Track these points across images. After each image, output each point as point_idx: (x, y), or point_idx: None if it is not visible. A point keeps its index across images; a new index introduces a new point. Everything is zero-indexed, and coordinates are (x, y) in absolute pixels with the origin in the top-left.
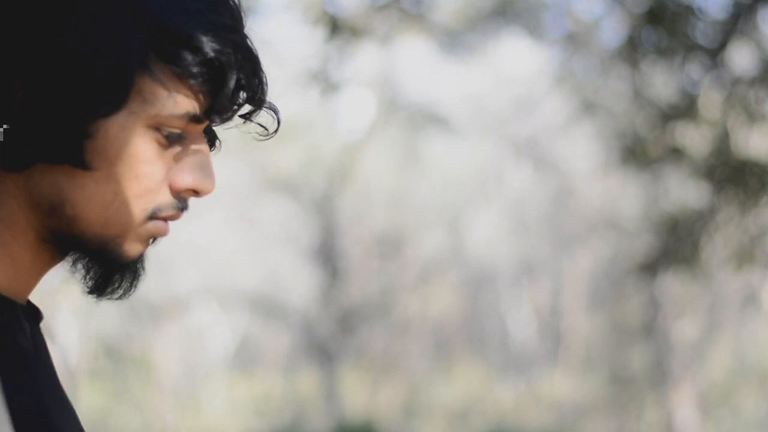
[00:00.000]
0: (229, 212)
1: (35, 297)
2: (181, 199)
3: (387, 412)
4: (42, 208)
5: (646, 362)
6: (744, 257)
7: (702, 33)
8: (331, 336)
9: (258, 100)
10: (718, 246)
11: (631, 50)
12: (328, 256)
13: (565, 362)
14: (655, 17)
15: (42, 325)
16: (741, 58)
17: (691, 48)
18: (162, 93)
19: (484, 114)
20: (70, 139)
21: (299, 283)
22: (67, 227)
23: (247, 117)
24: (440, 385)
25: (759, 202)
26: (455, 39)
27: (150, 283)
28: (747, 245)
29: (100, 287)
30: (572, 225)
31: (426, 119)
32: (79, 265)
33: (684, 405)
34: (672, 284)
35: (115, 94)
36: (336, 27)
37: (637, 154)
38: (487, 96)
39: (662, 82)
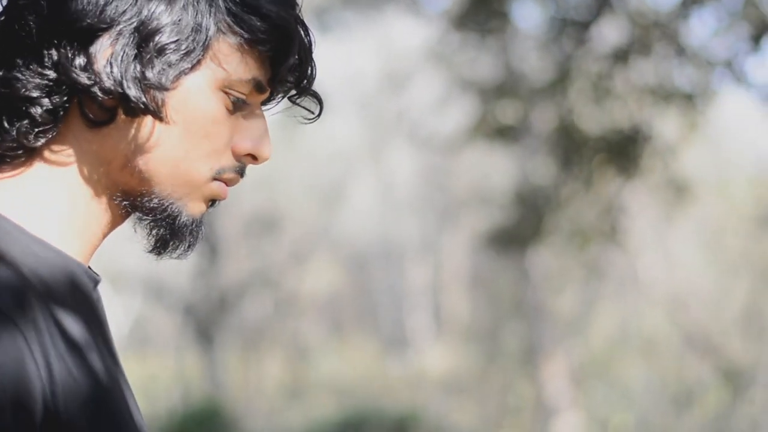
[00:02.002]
0: None
1: None
2: (241, 164)
3: (268, 390)
4: (115, 165)
5: (520, 337)
6: (589, 233)
7: (574, 8)
8: (211, 316)
9: (310, 80)
10: (564, 221)
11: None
12: (205, 237)
13: (447, 338)
14: None
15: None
16: (611, 32)
17: (563, 23)
18: (234, 57)
19: (360, 91)
20: (152, 92)
21: (181, 264)
22: (138, 184)
23: (298, 96)
24: (324, 362)
25: (604, 178)
26: (333, 16)
27: None
28: (593, 221)
29: (161, 246)
30: (449, 200)
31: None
32: (142, 224)
33: (556, 378)
34: (545, 259)
35: (194, 52)
36: None
37: (488, 130)
38: (363, 73)
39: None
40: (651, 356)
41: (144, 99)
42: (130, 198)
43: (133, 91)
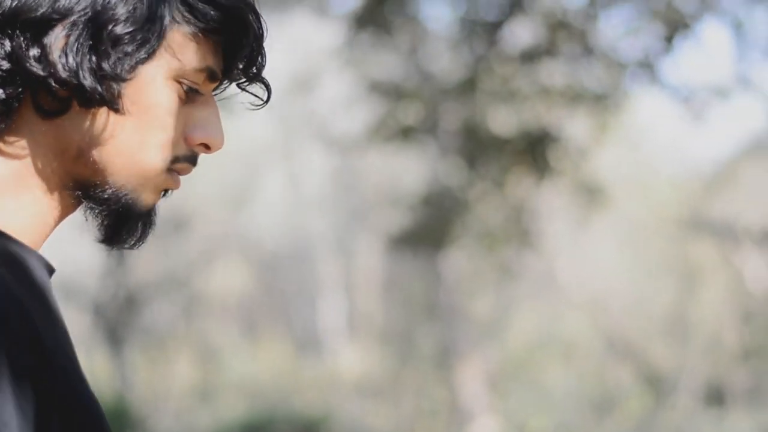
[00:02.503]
0: None
1: None
2: (194, 153)
3: (177, 390)
4: (69, 155)
5: (435, 340)
6: (498, 235)
7: (485, 8)
8: (120, 316)
9: (260, 67)
10: (472, 223)
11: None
12: None
13: (360, 339)
14: None
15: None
16: (522, 33)
17: (474, 24)
18: (188, 46)
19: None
20: (108, 82)
21: (90, 264)
22: (92, 174)
23: (248, 83)
24: (236, 363)
25: (513, 179)
26: None
27: None
28: (502, 223)
29: (113, 236)
30: (360, 201)
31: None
32: (95, 214)
33: (471, 382)
34: (458, 261)
35: (149, 43)
36: None
37: (389, 132)
38: (273, 73)
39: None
40: (571, 360)
41: (99, 90)
42: (83, 188)
43: (88, 82)
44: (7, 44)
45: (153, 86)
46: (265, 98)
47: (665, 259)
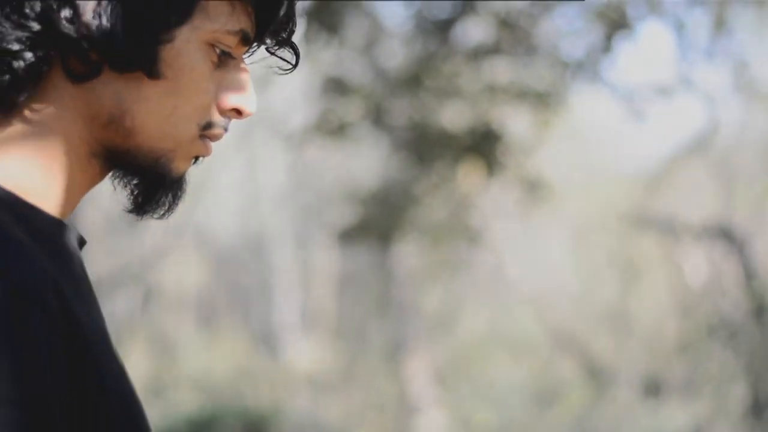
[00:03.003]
0: None
1: None
2: (226, 119)
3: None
4: (99, 121)
5: (387, 335)
6: (442, 230)
7: (437, 6)
8: None
9: (291, 31)
10: (420, 219)
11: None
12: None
13: (315, 334)
14: None
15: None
16: (473, 31)
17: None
18: (222, 9)
19: None
20: (144, 45)
21: None
22: (123, 140)
23: (278, 47)
24: (191, 357)
25: (459, 175)
26: None
27: None
28: (447, 218)
29: (143, 205)
30: (315, 196)
31: None
32: (125, 182)
33: (419, 376)
34: (409, 256)
35: (184, 4)
36: None
37: (330, 127)
38: None
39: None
40: (517, 354)
41: (135, 52)
42: (114, 156)
43: (123, 45)
44: (38, 4)
45: (188, 49)
46: (293, 63)
47: (609, 254)
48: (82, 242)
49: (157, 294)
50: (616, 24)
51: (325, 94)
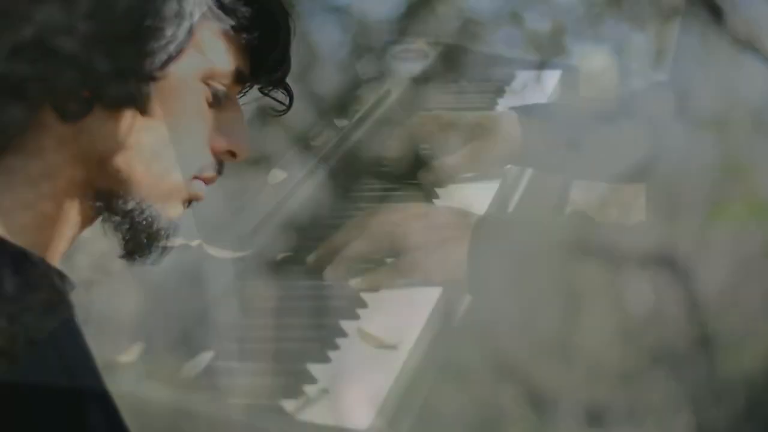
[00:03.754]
0: None
1: None
2: (220, 161)
3: None
4: (90, 163)
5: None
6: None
7: (374, 32)
8: None
9: (285, 71)
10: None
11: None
12: None
13: (255, 364)
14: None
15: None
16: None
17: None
18: (218, 45)
19: None
20: (137, 82)
21: None
22: (115, 184)
23: (272, 88)
24: (129, 387)
25: (387, 200)
26: None
27: None
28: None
29: (134, 251)
30: (250, 225)
31: None
32: (115, 227)
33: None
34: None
35: (179, 39)
36: None
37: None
38: None
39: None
40: (460, 384)
41: (125, 89)
42: (105, 199)
43: (114, 81)
44: None
45: (181, 87)
46: (287, 104)
47: (551, 282)
48: (72, 289)
49: (93, 320)
50: (550, 51)
51: (251, 122)
